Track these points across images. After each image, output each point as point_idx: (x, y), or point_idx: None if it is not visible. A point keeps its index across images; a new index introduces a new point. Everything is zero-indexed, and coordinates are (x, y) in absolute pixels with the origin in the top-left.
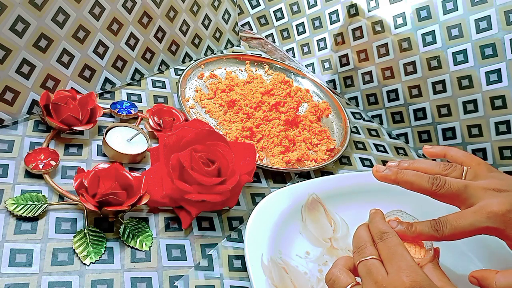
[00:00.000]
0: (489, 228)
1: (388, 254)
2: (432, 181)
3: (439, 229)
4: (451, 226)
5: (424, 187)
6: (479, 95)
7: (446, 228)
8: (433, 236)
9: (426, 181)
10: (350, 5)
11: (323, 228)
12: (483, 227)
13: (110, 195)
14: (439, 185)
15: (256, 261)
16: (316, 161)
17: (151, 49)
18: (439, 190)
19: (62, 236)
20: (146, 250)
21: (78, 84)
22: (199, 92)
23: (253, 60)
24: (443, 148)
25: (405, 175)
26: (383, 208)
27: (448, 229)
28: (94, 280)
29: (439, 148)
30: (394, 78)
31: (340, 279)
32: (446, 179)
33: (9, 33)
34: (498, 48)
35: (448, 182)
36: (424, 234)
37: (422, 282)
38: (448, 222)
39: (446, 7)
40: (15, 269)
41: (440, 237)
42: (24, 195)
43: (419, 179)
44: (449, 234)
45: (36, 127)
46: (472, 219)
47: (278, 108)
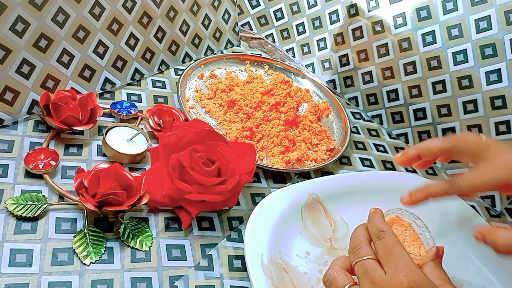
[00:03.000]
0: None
1: (385, 253)
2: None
3: (454, 183)
4: (469, 181)
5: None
6: (479, 95)
7: (463, 183)
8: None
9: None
10: (350, 5)
11: (323, 228)
12: (503, 182)
13: (110, 195)
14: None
15: (256, 261)
16: (316, 161)
17: (151, 49)
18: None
19: (62, 236)
20: (146, 250)
21: (78, 84)
22: (199, 92)
23: (253, 60)
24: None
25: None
26: (383, 208)
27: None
28: (94, 280)
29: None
30: (394, 78)
31: (337, 280)
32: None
33: (9, 33)
34: (498, 48)
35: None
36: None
37: (420, 281)
38: (465, 177)
39: (446, 7)
40: (15, 269)
41: (455, 191)
42: (24, 195)
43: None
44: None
45: (36, 127)
46: (492, 174)
47: (278, 108)
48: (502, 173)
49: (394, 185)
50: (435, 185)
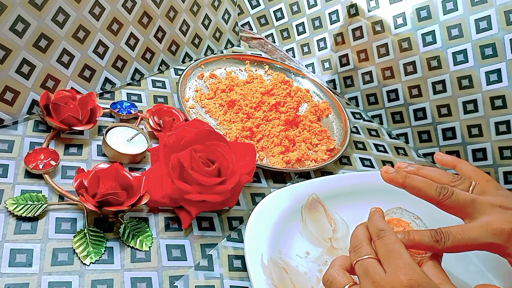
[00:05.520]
0: (492, 244)
1: (385, 253)
2: (440, 190)
3: (440, 240)
4: (454, 239)
5: (431, 195)
6: (479, 95)
7: (448, 240)
8: (433, 247)
9: (433, 189)
10: (350, 5)
11: (323, 228)
12: (487, 243)
13: (110, 195)
14: (447, 195)
15: (256, 261)
16: (316, 161)
17: (151, 49)
18: (445, 200)
19: (62, 236)
20: (146, 250)
21: (78, 84)
22: (199, 92)
23: (253, 60)
24: (454, 159)
25: (413, 180)
26: (383, 207)
27: (450, 241)
28: (94, 280)
29: (450, 158)
30: (394, 78)
31: (337, 280)
32: (454, 190)
33: (9, 33)
34: (498, 48)
35: (456, 194)
36: (423, 244)
37: (419, 280)
38: (451, 234)
39: (446, 7)
40: (15, 269)
41: (441, 248)
42: (24, 195)
43: (427, 187)
44: (450, 246)
45: (36, 127)
46: (476, 233)
47: (278, 108)
48: (485, 234)
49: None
50: (421, 235)
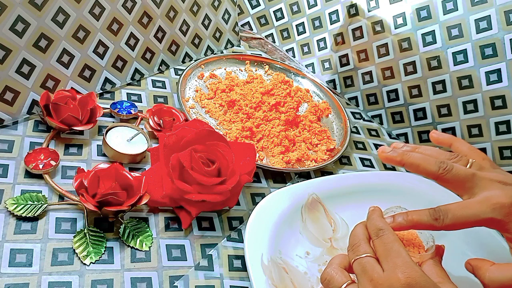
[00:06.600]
0: (492, 219)
1: (384, 251)
2: (440, 165)
3: (439, 218)
4: (453, 216)
5: (430, 170)
6: (479, 95)
7: (447, 218)
8: (432, 225)
9: (433, 164)
10: (350, 5)
11: (323, 228)
12: (487, 218)
13: (110, 195)
14: (447, 169)
15: (256, 261)
16: (316, 161)
17: (151, 49)
18: (445, 175)
19: (62, 236)
20: (146, 250)
21: (78, 84)
22: (199, 92)
23: (253, 60)
24: (450, 137)
25: (411, 157)
26: (382, 207)
27: (449, 219)
28: (94, 280)
29: (446, 136)
30: (394, 78)
31: (335, 279)
32: (454, 165)
33: (9, 33)
34: (498, 48)
35: (456, 168)
36: (422, 223)
37: (418, 278)
38: (449, 211)
39: (446, 7)
40: (15, 269)
41: (440, 226)
42: (24, 195)
43: (426, 162)
44: (450, 223)
45: (36, 127)
46: (476, 209)
47: (278, 108)
48: (485, 209)
49: (394, 185)
50: (419, 215)
